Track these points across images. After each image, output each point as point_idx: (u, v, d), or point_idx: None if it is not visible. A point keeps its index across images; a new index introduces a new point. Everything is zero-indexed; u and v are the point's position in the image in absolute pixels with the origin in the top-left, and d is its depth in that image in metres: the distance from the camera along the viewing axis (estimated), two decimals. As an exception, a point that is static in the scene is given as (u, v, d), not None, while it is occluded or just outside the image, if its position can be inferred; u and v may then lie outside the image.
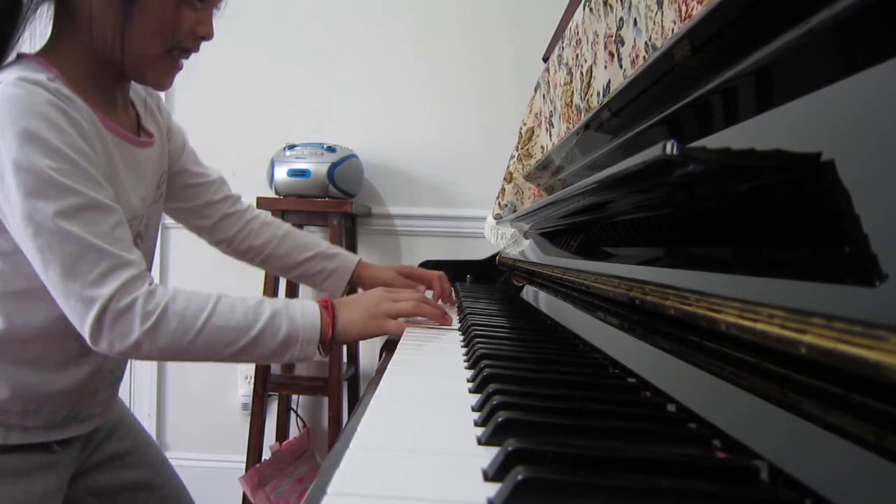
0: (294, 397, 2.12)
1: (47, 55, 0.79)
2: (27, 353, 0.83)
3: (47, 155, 0.71)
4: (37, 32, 0.81)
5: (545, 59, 1.60)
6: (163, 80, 0.84)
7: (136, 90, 0.94)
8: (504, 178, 1.65)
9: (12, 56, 0.79)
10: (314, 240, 1.17)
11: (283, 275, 1.22)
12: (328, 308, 0.85)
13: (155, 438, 2.17)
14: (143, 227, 0.91)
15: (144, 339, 0.74)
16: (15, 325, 0.81)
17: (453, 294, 1.27)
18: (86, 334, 0.73)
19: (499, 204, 1.66)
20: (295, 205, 1.88)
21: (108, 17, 0.77)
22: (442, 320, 0.92)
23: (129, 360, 0.99)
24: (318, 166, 1.87)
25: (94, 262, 0.72)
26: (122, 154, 0.84)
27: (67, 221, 0.71)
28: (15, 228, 0.73)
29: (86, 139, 0.76)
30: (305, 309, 0.84)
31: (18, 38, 0.79)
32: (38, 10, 0.79)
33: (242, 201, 1.13)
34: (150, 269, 0.92)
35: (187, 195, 1.05)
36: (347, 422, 0.47)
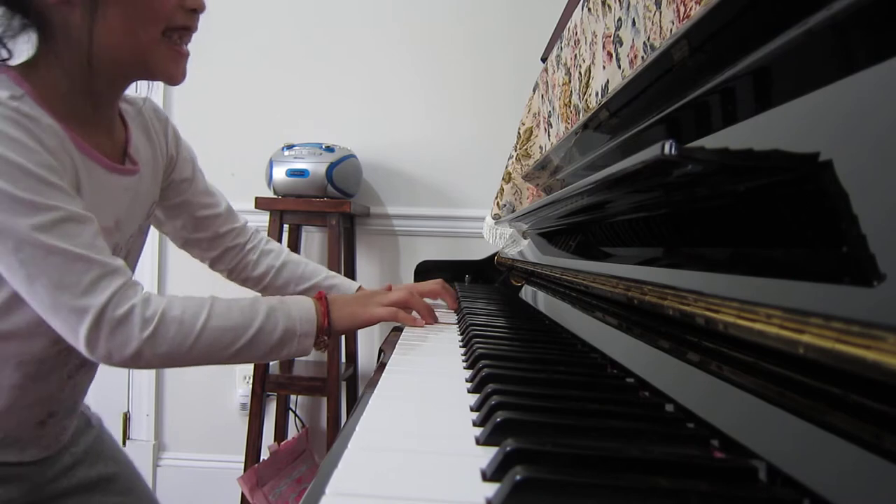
0: (292, 397, 2.12)
1: (23, 71, 0.76)
2: None
3: (11, 176, 0.68)
4: None
5: (544, 60, 1.60)
6: (171, 69, 0.79)
7: (142, 115, 0.92)
8: (502, 178, 1.65)
9: None
10: (312, 269, 1.14)
11: None
12: (322, 301, 0.87)
13: (153, 439, 2.18)
14: (123, 258, 0.84)
15: (145, 347, 0.73)
16: None
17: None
18: (81, 345, 0.71)
19: (497, 204, 1.66)
20: (293, 205, 1.88)
21: (77, 19, 0.73)
22: (428, 318, 0.93)
23: (86, 392, 0.95)
24: (316, 166, 1.87)
25: (82, 273, 0.70)
26: (92, 177, 0.79)
27: (47, 235, 0.69)
28: None
29: (52, 154, 0.72)
30: (300, 303, 0.84)
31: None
32: (22, 33, 0.76)
33: (247, 229, 1.10)
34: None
35: (192, 226, 1.03)
36: (346, 422, 0.47)
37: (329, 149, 1.91)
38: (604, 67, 0.94)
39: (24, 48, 0.77)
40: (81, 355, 0.80)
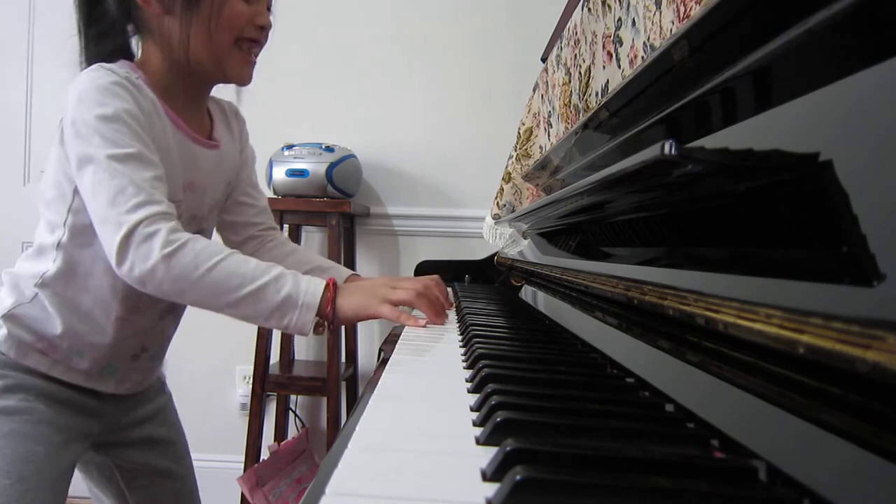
0: (292, 397, 2.12)
1: (138, 63, 0.96)
2: (80, 302, 0.95)
3: (104, 116, 0.85)
4: None
5: (544, 60, 1.60)
6: (241, 72, 0.97)
7: (226, 111, 1.11)
8: (502, 178, 1.65)
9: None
10: (316, 256, 1.23)
11: None
12: (329, 287, 0.90)
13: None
14: (196, 232, 0.97)
15: (160, 264, 0.82)
16: (73, 272, 0.93)
17: (451, 296, 1.26)
18: (113, 256, 0.83)
19: (497, 204, 1.66)
20: (293, 205, 1.88)
21: (175, 27, 0.92)
22: (436, 318, 0.93)
23: (170, 341, 1.10)
24: (316, 166, 1.87)
25: (131, 196, 0.83)
26: (178, 142, 0.96)
27: (117, 163, 0.84)
28: (76, 170, 0.86)
29: (145, 114, 0.89)
30: (311, 280, 0.90)
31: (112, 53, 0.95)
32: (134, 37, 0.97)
33: (276, 232, 1.20)
34: None
35: (236, 210, 1.15)
36: (346, 422, 0.47)
37: (329, 149, 1.91)
38: (604, 67, 0.94)
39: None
40: (167, 301, 1.00)
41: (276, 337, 2.02)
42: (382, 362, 0.68)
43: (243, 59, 0.97)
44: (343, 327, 2.03)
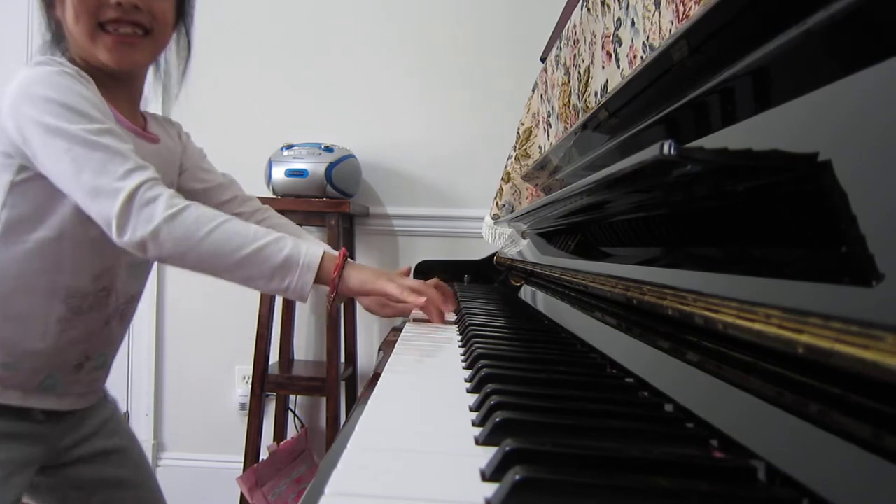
0: (292, 397, 2.12)
1: (69, 58, 0.93)
2: (13, 306, 0.89)
3: (71, 95, 0.84)
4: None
5: (543, 60, 1.60)
6: (110, 55, 0.90)
7: (158, 118, 1.08)
8: (502, 178, 1.65)
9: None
10: (313, 239, 1.18)
11: None
12: (340, 255, 0.90)
13: (152, 438, 2.18)
14: None
15: (164, 225, 0.81)
16: (5, 273, 0.88)
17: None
18: (113, 223, 0.81)
19: (496, 204, 1.66)
20: (293, 205, 1.88)
21: (65, 18, 0.90)
22: (439, 318, 0.93)
23: (118, 350, 1.04)
24: (315, 166, 1.87)
25: (120, 164, 0.82)
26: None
27: (94, 136, 0.82)
28: (45, 152, 0.83)
29: (101, 106, 0.87)
30: (311, 242, 0.91)
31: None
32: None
33: (255, 201, 1.16)
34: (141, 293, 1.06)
35: (196, 197, 1.08)
36: (345, 422, 0.47)
37: (328, 149, 1.91)
38: (603, 67, 0.94)
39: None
40: (118, 302, 0.98)
41: (276, 337, 2.02)
42: (382, 362, 0.68)
43: (112, 42, 0.90)
44: (343, 326, 2.03)
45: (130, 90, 1.00)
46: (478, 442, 0.40)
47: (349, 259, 0.91)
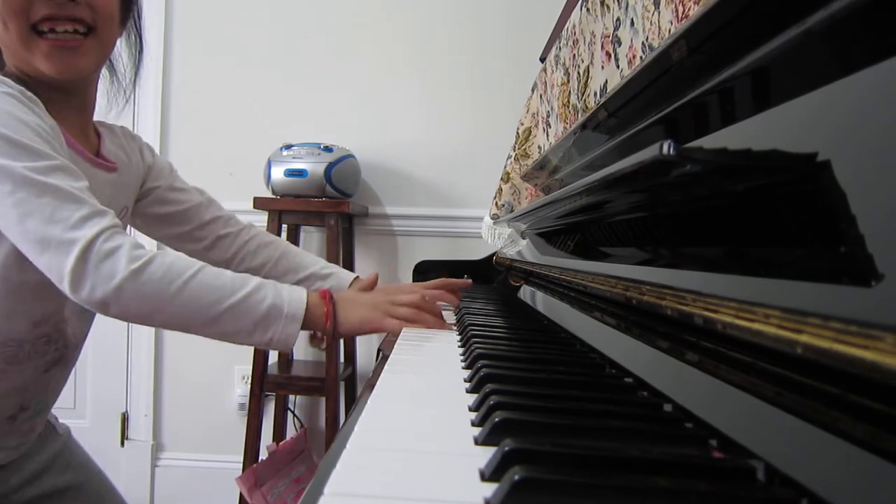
0: (291, 397, 2.12)
1: (8, 72, 0.82)
2: None
3: (16, 125, 0.73)
4: None
5: (542, 60, 1.60)
6: (48, 63, 0.79)
7: (116, 133, 0.97)
8: (501, 179, 1.65)
9: None
10: (310, 260, 1.13)
11: None
12: (326, 299, 0.84)
13: (152, 439, 2.17)
14: None
15: (128, 282, 0.72)
16: None
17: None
18: (66, 279, 0.71)
19: (496, 204, 1.66)
20: (292, 205, 1.88)
21: None
22: (442, 327, 0.91)
23: (59, 394, 0.95)
24: (315, 166, 1.87)
25: (73, 210, 0.72)
26: (77, 166, 0.81)
27: (42, 176, 0.72)
28: None
29: (50, 134, 0.77)
30: (293, 289, 0.83)
31: None
32: None
33: (237, 219, 1.10)
34: None
35: (174, 220, 1.04)
36: (344, 422, 0.47)
37: (328, 149, 1.91)
38: (602, 67, 0.94)
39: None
40: (58, 347, 0.87)
41: (275, 337, 2.02)
42: (381, 362, 0.68)
43: (48, 47, 0.78)
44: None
45: (80, 103, 0.88)
46: (477, 442, 0.40)
47: (335, 298, 0.86)
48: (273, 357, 2.00)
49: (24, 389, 0.86)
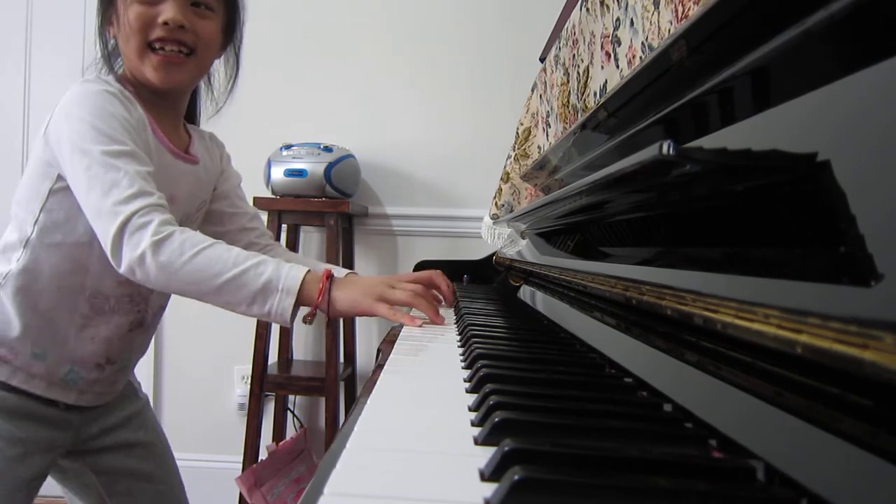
0: (291, 397, 2.12)
1: (123, 76, 0.99)
2: (43, 300, 0.95)
3: (102, 115, 0.89)
4: None
5: (542, 60, 1.60)
6: (154, 74, 0.95)
7: (204, 138, 1.14)
8: (501, 179, 1.65)
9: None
10: (312, 261, 1.24)
11: None
12: (324, 277, 0.91)
13: (151, 439, 2.17)
14: None
15: (149, 251, 0.84)
16: (39, 271, 0.94)
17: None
18: (108, 245, 0.85)
19: (496, 204, 1.66)
20: (292, 205, 1.88)
21: (120, 37, 0.97)
22: (435, 317, 0.93)
23: (142, 355, 1.10)
24: (314, 166, 1.87)
25: (126, 187, 0.86)
26: (159, 156, 0.97)
27: (111, 158, 0.87)
28: (70, 167, 0.88)
29: (134, 126, 0.92)
30: (293, 266, 0.90)
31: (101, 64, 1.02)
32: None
33: (268, 236, 1.21)
34: None
35: (226, 221, 1.17)
36: (344, 422, 0.47)
37: (327, 149, 1.91)
38: (602, 67, 0.94)
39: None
40: (140, 309, 1.03)
41: (275, 337, 2.02)
42: (381, 362, 0.68)
43: (158, 61, 0.95)
44: (342, 326, 2.03)
45: (175, 108, 1.05)
46: (477, 442, 0.40)
47: (335, 277, 0.93)
48: (273, 357, 2.00)
49: (108, 342, 1.00)
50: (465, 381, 0.57)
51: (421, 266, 1.66)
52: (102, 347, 1.00)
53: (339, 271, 1.17)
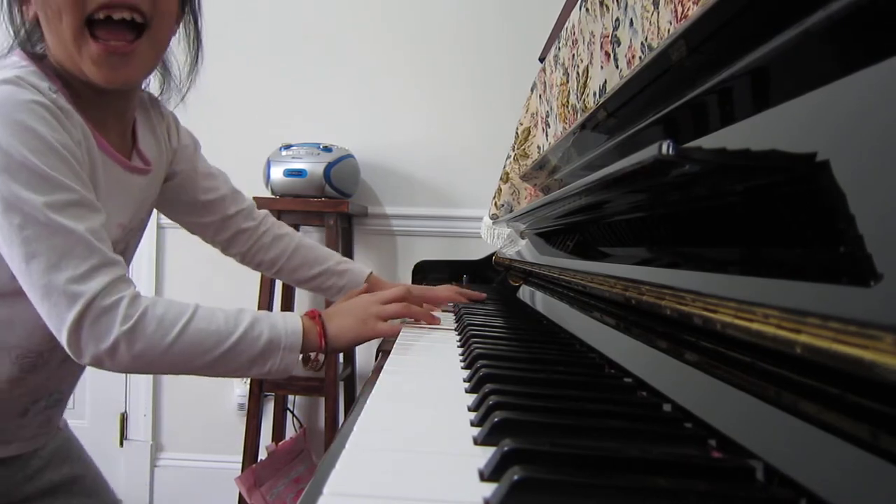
0: (290, 397, 2.12)
1: (48, 67, 0.77)
2: None
3: (39, 149, 0.68)
4: None
5: (541, 60, 1.60)
6: (97, 70, 0.75)
7: (147, 107, 0.92)
8: (500, 179, 1.65)
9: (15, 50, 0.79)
10: (324, 254, 1.13)
11: (296, 286, 1.25)
12: (315, 318, 0.83)
13: (151, 439, 2.17)
14: (121, 251, 0.85)
15: (122, 341, 0.70)
16: None
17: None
18: (63, 334, 0.69)
19: (495, 204, 1.67)
20: (291, 205, 1.88)
21: (44, 14, 0.74)
22: (430, 320, 0.93)
23: (76, 383, 0.95)
24: (314, 166, 1.87)
25: (82, 258, 0.69)
26: (109, 176, 0.81)
27: (57, 214, 0.68)
28: None
29: (76, 146, 0.74)
30: (287, 318, 0.81)
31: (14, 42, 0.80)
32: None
33: (257, 212, 1.10)
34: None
35: (199, 211, 1.03)
36: (344, 422, 0.47)
37: (327, 149, 1.91)
38: (602, 67, 0.94)
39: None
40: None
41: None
42: (380, 362, 0.68)
43: (99, 52, 0.73)
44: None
45: (123, 106, 0.84)
46: (476, 442, 0.40)
47: (322, 315, 0.84)
48: (272, 357, 2.00)
49: (36, 388, 0.86)
50: (464, 381, 0.57)
51: (420, 266, 1.66)
52: (27, 396, 0.85)
53: (359, 270, 1.13)
